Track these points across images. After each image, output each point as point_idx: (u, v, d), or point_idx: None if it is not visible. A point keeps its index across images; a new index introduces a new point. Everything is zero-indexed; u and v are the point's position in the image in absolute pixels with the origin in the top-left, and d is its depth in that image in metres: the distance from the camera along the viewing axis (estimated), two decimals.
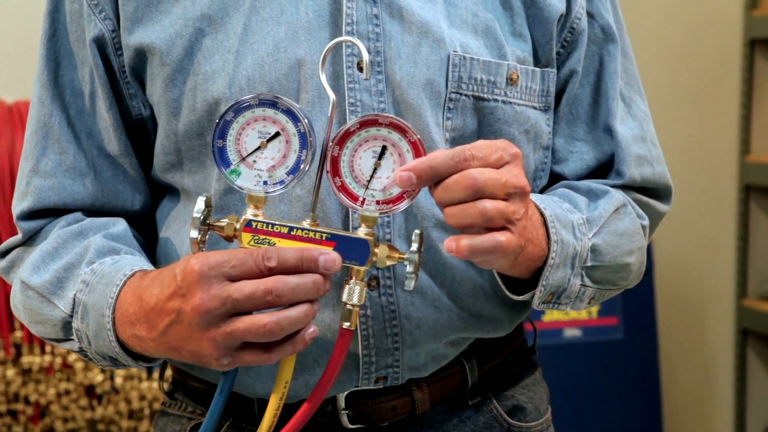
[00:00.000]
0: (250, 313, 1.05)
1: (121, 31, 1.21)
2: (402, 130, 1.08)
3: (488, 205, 1.04)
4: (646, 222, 1.31)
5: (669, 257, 3.41)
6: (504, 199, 1.05)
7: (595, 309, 3.10)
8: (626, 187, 1.32)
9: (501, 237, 1.05)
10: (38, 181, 1.26)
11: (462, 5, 1.23)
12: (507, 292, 1.22)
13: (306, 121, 1.08)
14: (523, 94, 1.25)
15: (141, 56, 1.21)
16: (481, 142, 1.07)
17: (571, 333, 3.09)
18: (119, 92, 1.25)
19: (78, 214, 1.27)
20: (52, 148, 1.26)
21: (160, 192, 1.30)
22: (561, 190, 1.28)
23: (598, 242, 1.24)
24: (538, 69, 1.26)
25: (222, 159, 1.09)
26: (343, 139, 1.08)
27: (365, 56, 1.09)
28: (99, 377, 2.83)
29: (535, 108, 1.27)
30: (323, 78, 1.10)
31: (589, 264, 1.23)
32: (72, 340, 1.21)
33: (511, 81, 1.24)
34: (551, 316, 3.06)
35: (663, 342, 3.32)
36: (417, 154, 1.08)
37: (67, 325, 1.20)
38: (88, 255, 1.20)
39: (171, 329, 1.07)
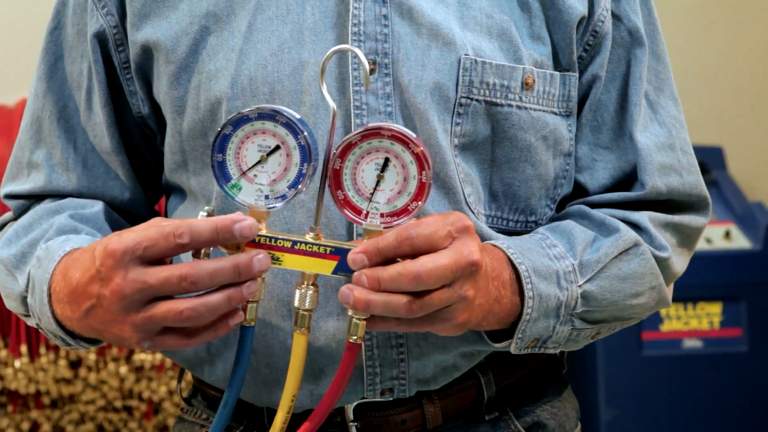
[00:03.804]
0: (171, 297, 1.03)
1: (128, 26, 1.22)
2: (404, 142, 1.05)
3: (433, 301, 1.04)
4: (667, 253, 1.23)
5: None
6: (449, 285, 1.03)
7: (717, 319, 2.97)
8: (655, 204, 1.24)
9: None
10: (27, 172, 1.29)
11: (476, 6, 1.19)
12: (487, 339, 1.19)
13: (306, 133, 1.05)
14: (540, 99, 1.20)
15: (147, 53, 1.21)
16: (429, 218, 1.05)
17: (692, 344, 2.97)
18: (118, 89, 1.25)
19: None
20: (43, 142, 1.28)
21: (169, 190, 1.31)
22: (567, 222, 1.22)
23: (591, 288, 1.18)
24: (557, 73, 1.21)
25: (222, 173, 1.07)
26: (344, 152, 1.06)
27: (365, 66, 1.05)
28: None
29: (554, 113, 1.22)
30: (324, 88, 1.07)
31: (579, 310, 1.18)
32: (29, 316, 1.22)
33: (526, 85, 1.19)
34: (670, 325, 2.95)
35: None
36: (420, 165, 1.05)
37: (24, 300, 1.21)
38: (49, 232, 1.22)
39: (92, 312, 1.07)
